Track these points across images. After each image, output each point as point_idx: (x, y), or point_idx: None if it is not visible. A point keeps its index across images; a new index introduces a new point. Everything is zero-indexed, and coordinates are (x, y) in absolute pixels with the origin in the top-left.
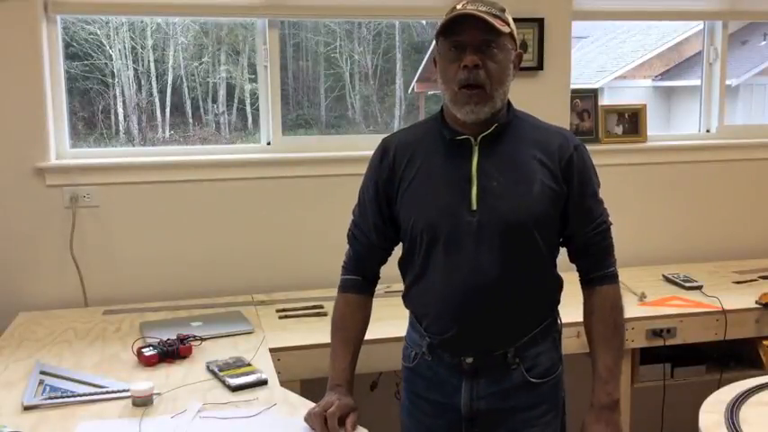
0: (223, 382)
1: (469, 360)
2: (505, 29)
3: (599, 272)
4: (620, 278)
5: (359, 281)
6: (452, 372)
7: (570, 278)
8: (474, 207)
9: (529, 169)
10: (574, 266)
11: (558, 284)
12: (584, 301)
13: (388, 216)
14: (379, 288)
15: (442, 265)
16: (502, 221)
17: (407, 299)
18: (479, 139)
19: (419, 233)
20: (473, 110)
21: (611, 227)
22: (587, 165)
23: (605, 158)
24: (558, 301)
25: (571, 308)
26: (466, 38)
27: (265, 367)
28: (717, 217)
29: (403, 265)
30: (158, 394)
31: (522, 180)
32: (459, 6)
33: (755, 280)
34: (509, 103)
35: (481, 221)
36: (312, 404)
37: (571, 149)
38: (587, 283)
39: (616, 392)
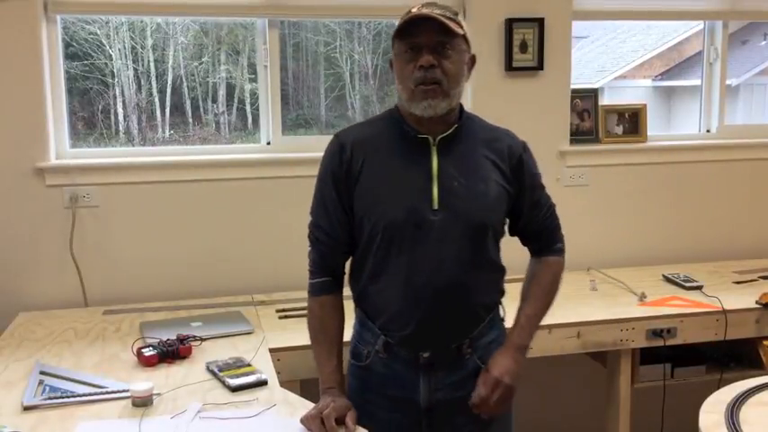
0: (223, 383)
1: (426, 354)
2: (459, 30)
3: (549, 248)
4: (618, 280)
5: (329, 282)
6: (409, 367)
7: (570, 284)
8: (435, 206)
9: (484, 170)
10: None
11: (503, 274)
12: (528, 266)
13: (350, 209)
14: None
15: (402, 263)
16: (463, 221)
17: (361, 298)
18: (438, 139)
19: (379, 231)
20: (430, 104)
21: (555, 207)
22: (533, 161)
23: (605, 158)
24: (504, 292)
25: (568, 309)
26: (422, 39)
27: (265, 367)
28: (717, 217)
29: (356, 263)
30: (158, 394)
31: (480, 180)
32: (414, 10)
33: (755, 280)
34: (461, 105)
35: (443, 220)
36: (312, 404)
37: (520, 150)
38: (536, 256)
39: (527, 339)
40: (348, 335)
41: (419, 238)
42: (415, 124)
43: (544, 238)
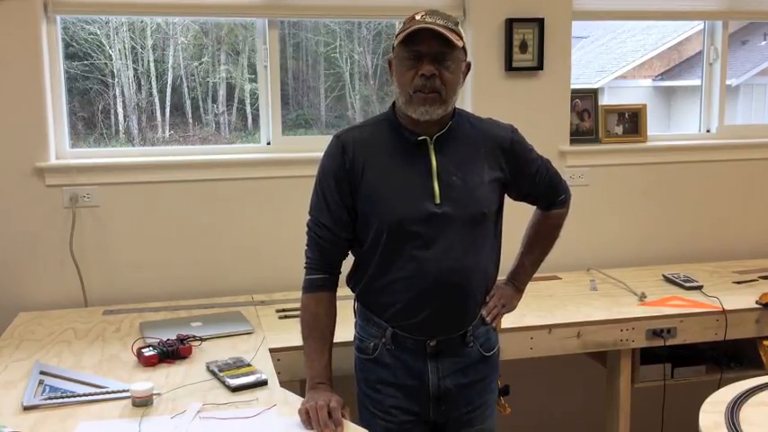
0: (223, 383)
1: (433, 343)
2: (459, 43)
3: (553, 202)
4: (618, 280)
5: (327, 278)
6: (416, 356)
7: (570, 284)
8: (438, 201)
9: (478, 162)
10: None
11: (499, 261)
12: (533, 215)
13: (351, 208)
14: None
15: (410, 256)
16: (464, 213)
17: (364, 294)
18: (434, 139)
19: (386, 229)
20: (428, 110)
21: (549, 161)
22: (524, 141)
23: (605, 158)
24: (496, 278)
25: (568, 309)
26: (424, 48)
27: (265, 367)
28: (717, 217)
29: (358, 261)
30: (158, 395)
31: (475, 173)
32: (418, 18)
33: (755, 280)
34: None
35: (446, 213)
36: None
37: (509, 134)
38: (542, 209)
39: (524, 284)
40: (340, 333)
41: (426, 231)
42: (411, 125)
43: (548, 195)
